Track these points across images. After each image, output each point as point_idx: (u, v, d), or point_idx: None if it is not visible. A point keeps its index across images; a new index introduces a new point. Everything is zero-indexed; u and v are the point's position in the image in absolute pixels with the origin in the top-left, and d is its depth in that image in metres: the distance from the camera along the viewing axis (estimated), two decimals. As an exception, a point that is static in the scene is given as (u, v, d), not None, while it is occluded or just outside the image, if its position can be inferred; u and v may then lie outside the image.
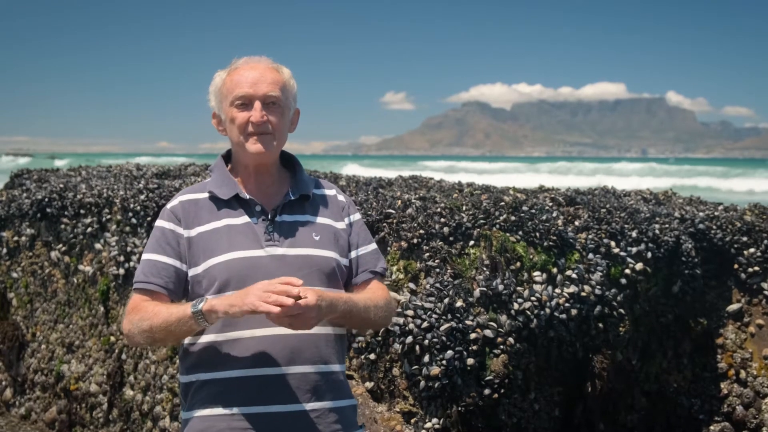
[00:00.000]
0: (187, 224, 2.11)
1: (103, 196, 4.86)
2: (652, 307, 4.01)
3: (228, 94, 2.10)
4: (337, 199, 2.26)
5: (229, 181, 2.15)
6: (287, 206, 2.14)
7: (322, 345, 2.06)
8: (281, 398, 2.00)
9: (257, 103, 2.07)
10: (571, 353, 3.62)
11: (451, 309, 3.33)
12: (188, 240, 2.09)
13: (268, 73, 2.11)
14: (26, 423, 5.16)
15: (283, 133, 2.15)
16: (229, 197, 2.12)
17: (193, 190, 2.20)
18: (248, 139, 2.09)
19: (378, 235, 3.69)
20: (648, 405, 4.01)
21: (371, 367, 3.48)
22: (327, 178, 5.07)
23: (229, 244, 2.06)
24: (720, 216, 4.26)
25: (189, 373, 2.09)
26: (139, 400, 4.34)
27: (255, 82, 2.08)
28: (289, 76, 2.16)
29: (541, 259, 3.63)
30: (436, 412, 3.31)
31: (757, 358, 4.01)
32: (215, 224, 2.10)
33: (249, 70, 2.10)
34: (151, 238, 2.15)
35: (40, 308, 5.20)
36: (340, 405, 2.08)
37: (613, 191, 4.79)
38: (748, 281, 4.10)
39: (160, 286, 2.07)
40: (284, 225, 2.11)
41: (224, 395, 2.01)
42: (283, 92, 2.12)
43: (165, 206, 2.17)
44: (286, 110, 2.14)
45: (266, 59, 2.15)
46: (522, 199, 3.95)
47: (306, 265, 2.07)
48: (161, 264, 2.08)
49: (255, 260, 2.04)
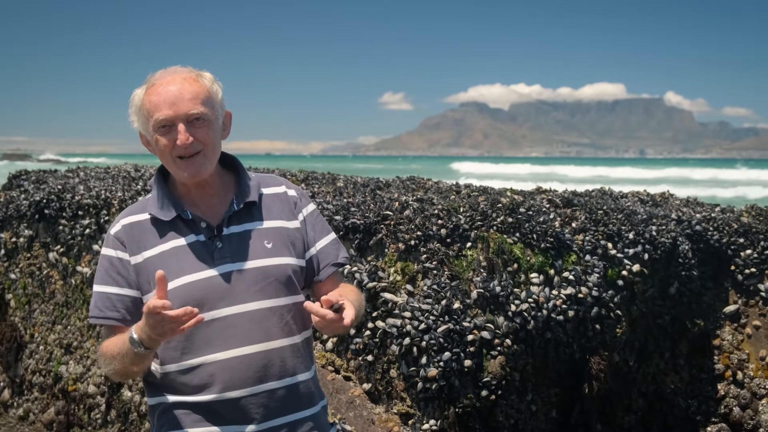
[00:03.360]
0: (133, 250, 1.99)
1: (102, 198, 4.86)
2: (649, 309, 4.02)
3: (149, 117, 1.95)
4: (287, 195, 2.13)
5: (169, 201, 2.02)
6: (234, 217, 2.02)
7: (288, 357, 2.00)
8: (253, 418, 1.94)
9: (180, 126, 1.92)
10: (569, 354, 3.63)
11: (448, 310, 3.33)
12: (136, 267, 1.98)
13: (186, 87, 1.94)
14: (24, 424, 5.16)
15: (215, 145, 2.00)
16: (171, 218, 2.00)
17: (133, 211, 2.07)
18: (178, 163, 1.96)
19: (375, 236, 3.70)
20: (645, 406, 4.01)
21: (369, 368, 3.49)
22: (325, 178, 5.06)
23: (179, 268, 1.95)
24: (717, 217, 4.27)
25: (154, 396, 2.03)
26: (137, 401, 4.34)
27: (173, 102, 1.92)
28: (211, 82, 2.01)
29: (539, 260, 3.64)
30: (434, 413, 3.32)
31: (754, 360, 4.01)
32: (162, 247, 1.98)
33: (166, 86, 1.94)
34: (98, 267, 2.03)
35: (38, 309, 5.20)
36: (312, 412, 2.05)
37: (610, 193, 4.80)
38: (744, 282, 4.11)
39: (117, 320, 1.97)
40: (233, 238, 2.00)
41: (192, 417, 1.95)
42: (207, 104, 1.96)
43: (108, 231, 2.05)
44: (214, 121, 1.99)
45: (183, 69, 1.99)
46: (519, 201, 3.96)
47: (262, 278, 1.98)
48: (115, 296, 1.98)
49: (209, 281, 1.95)
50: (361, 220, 3.74)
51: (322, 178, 5.07)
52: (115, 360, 1.92)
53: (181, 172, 1.97)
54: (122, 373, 1.96)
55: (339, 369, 3.60)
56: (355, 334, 3.52)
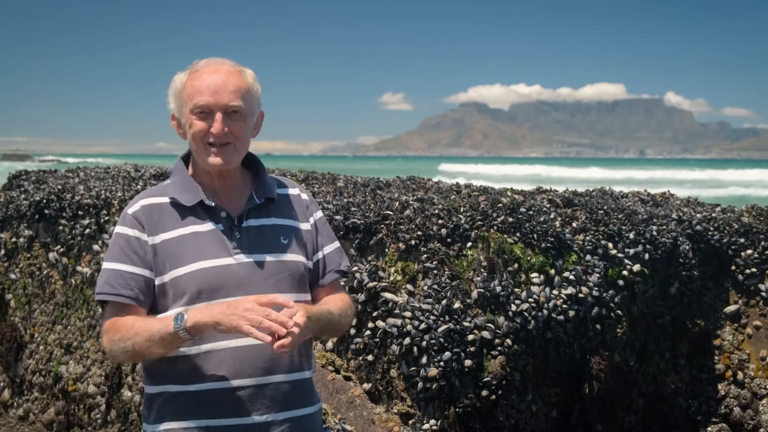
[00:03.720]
0: (151, 230, 2.00)
1: (101, 198, 4.86)
2: (649, 309, 4.01)
3: (188, 100, 1.99)
4: (300, 198, 2.18)
5: (191, 187, 2.05)
6: (253, 211, 2.07)
7: (295, 353, 2.02)
8: (257, 410, 1.96)
9: (218, 114, 1.97)
10: (569, 354, 3.63)
11: (448, 310, 3.33)
12: (153, 247, 1.99)
13: (230, 79, 1.99)
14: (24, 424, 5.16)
15: (246, 140, 2.05)
16: (192, 204, 2.02)
17: (153, 193, 2.09)
18: (208, 149, 2.00)
19: (376, 236, 3.70)
20: (645, 406, 4.01)
21: (369, 368, 3.49)
22: (325, 178, 5.06)
23: (196, 253, 1.97)
24: (717, 217, 4.26)
25: (157, 384, 2.02)
26: (137, 401, 4.34)
27: (216, 90, 1.97)
28: (253, 79, 2.06)
29: (539, 260, 3.63)
30: (434, 413, 3.31)
31: (755, 360, 4.01)
32: (181, 231, 2.00)
33: (211, 75, 1.99)
34: (112, 245, 2.02)
35: (38, 309, 5.19)
36: (312, 411, 2.07)
37: (610, 193, 4.79)
38: (745, 282, 4.10)
39: (130, 298, 1.97)
40: (251, 230, 2.04)
41: (196, 408, 1.95)
42: (245, 99, 2.01)
43: (125, 210, 2.05)
44: (249, 117, 2.04)
45: (229, 62, 2.04)
46: (519, 201, 3.96)
47: (276, 271, 2.02)
48: (129, 274, 1.97)
49: (225, 269, 1.97)
50: (361, 220, 3.74)
51: (322, 178, 5.07)
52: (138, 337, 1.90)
53: (210, 158, 2.01)
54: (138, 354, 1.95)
55: (339, 369, 3.59)
56: (356, 334, 3.52)
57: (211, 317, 1.82)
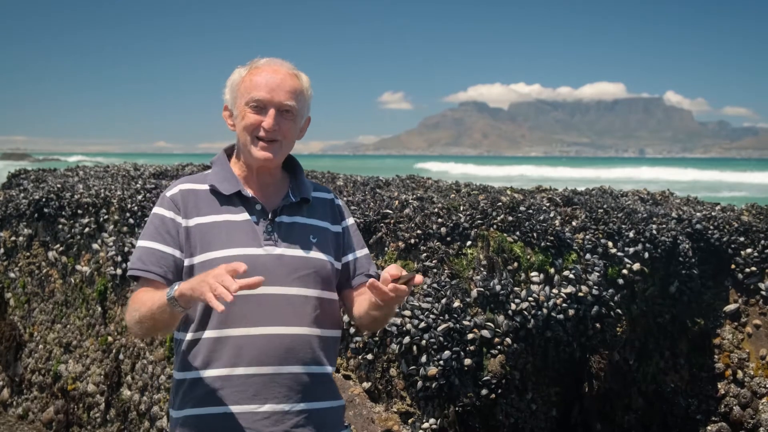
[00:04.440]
0: (186, 213, 2.09)
1: (101, 196, 4.85)
2: (649, 308, 4.01)
3: (245, 93, 2.09)
4: (333, 203, 2.28)
5: (231, 177, 2.15)
6: (287, 208, 2.15)
7: (316, 345, 2.08)
8: (273, 398, 2.01)
9: (272, 110, 2.06)
10: (569, 353, 3.63)
11: (448, 309, 3.33)
12: (186, 229, 2.07)
13: (288, 80, 2.09)
14: (24, 423, 5.15)
15: (292, 141, 2.15)
16: (230, 193, 2.11)
17: (192, 180, 2.18)
18: (256, 143, 2.09)
19: (375, 235, 3.70)
20: (645, 405, 4.01)
21: (368, 367, 3.49)
22: (324, 177, 5.07)
23: (228, 240, 2.05)
24: (717, 216, 4.26)
25: (182, 370, 2.09)
26: (137, 400, 4.34)
27: (274, 88, 2.07)
28: (307, 84, 2.16)
29: (539, 259, 3.63)
30: (434, 412, 3.31)
31: (754, 359, 4.01)
32: (215, 218, 2.09)
33: (270, 74, 2.09)
34: (148, 224, 2.11)
35: (37, 308, 5.19)
36: (331, 405, 2.12)
37: (610, 191, 4.79)
38: (745, 281, 4.10)
39: (158, 275, 2.04)
40: (283, 226, 2.11)
41: (216, 394, 2.01)
42: (298, 101, 2.10)
43: (164, 193, 2.15)
44: (299, 119, 2.14)
45: (288, 64, 2.14)
46: (519, 200, 3.96)
47: (303, 267, 2.09)
48: (160, 253, 2.06)
49: (253, 258, 2.02)
50: (361, 219, 3.73)
51: (322, 177, 5.07)
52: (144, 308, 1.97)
53: (256, 151, 2.09)
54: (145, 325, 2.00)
55: (339, 368, 3.59)
56: (355, 333, 3.52)
57: (189, 285, 1.85)
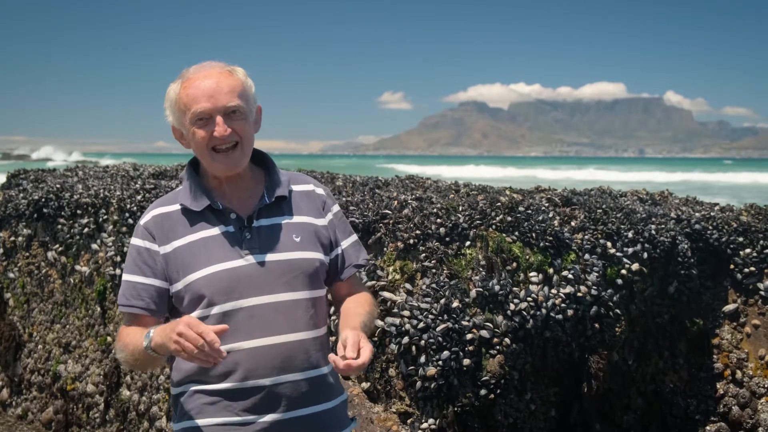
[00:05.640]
0: (162, 240, 2.03)
1: (100, 197, 4.85)
2: (648, 308, 4.01)
3: (186, 110, 1.99)
4: (315, 193, 2.19)
5: (200, 192, 2.06)
6: (264, 210, 2.07)
7: (312, 350, 2.05)
8: (274, 408, 1.99)
9: (219, 118, 1.97)
10: (568, 353, 3.63)
11: (447, 309, 3.33)
12: (164, 257, 2.02)
13: (223, 80, 1.99)
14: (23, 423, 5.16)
15: (250, 138, 2.06)
16: (202, 209, 2.04)
17: (165, 201, 2.11)
18: (214, 156, 2.00)
19: (374, 235, 3.70)
20: (644, 405, 4.01)
21: (368, 367, 3.48)
22: (324, 177, 5.06)
23: (207, 258, 1.99)
24: (716, 216, 4.26)
25: (178, 385, 2.06)
26: (136, 401, 4.34)
27: (212, 94, 1.97)
28: (245, 76, 2.06)
29: (538, 259, 3.63)
30: (433, 412, 3.31)
31: (753, 359, 4.01)
32: (191, 237, 2.02)
33: (203, 80, 1.99)
34: (128, 257, 2.08)
35: (36, 308, 5.19)
36: (332, 405, 2.09)
37: (609, 192, 4.79)
38: (744, 282, 4.10)
39: (141, 308, 2.01)
40: (263, 230, 2.04)
41: (216, 406, 1.99)
42: (242, 97, 2.01)
43: (138, 222, 2.10)
44: (249, 114, 2.04)
45: (218, 63, 2.05)
46: (518, 200, 3.96)
47: (289, 270, 2.03)
48: (141, 285, 2.02)
49: (237, 271, 1.98)
50: (360, 219, 3.74)
51: (321, 177, 5.07)
52: (127, 350, 1.98)
53: (217, 165, 2.02)
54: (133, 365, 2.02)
55: (338, 368, 3.59)
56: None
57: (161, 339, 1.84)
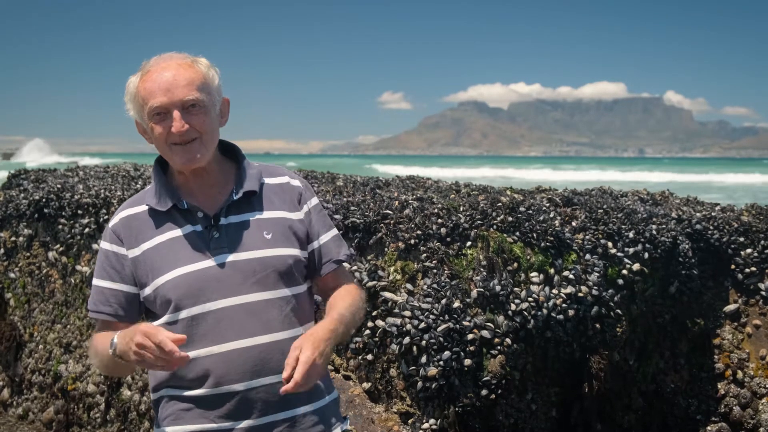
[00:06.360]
0: (130, 243, 1.96)
1: (101, 197, 4.85)
2: (649, 308, 4.01)
3: (144, 105, 1.91)
4: (290, 185, 2.08)
5: (166, 191, 1.98)
6: (233, 206, 1.98)
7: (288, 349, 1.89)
8: (249, 413, 1.91)
9: (175, 112, 1.88)
10: (569, 354, 3.63)
11: (448, 310, 3.33)
12: (133, 260, 1.96)
13: (181, 73, 1.89)
14: (24, 423, 5.15)
15: (212, 132, 1.95)
16: (167, 208, 1.96)
17: (133, 202, 2.04)
18: (174, 150, 1.92)
19: (375, 235, 3.70)
20: (645, 405, 4.01)
21: (368, 367, 3.49)
22: (324, 177, 5.05)
23: (174, 260, 1.92)
24: (717, 216, 4.26)
25: (156, 390, 2.02)
26: (137, 400, 4.34)
27: (168, 88, 1.87)
28: (207, 67, 1.96)
29: (539, 259, 3.63)
30: (434, 412, 3.31)
31: (754, 359, 4.01)
32: (158, 239, 1.95)
33: (160, 72, 1.89)
34: (97, 260, 2.01)
35: (37, 308, 5.19)
36: (318, 406, 2.00)
37: (610, 192, 4.79)
38: (745, 282, 4.10)
39: (109, 314, 1.96)
40: (231, 228, 1.95)
41: (191, 412, 1.93)
42: (203, 90, 1.91)
43: (107, 224, 2.02)
44: (211, 107, 1.94)
45: (178, 54, 1.94)
46: (519, 200, 3.96)
47: (260, 268, 1.93)
48: (109, 291, 1.97)
49: (204, 272, 1.91)
50: (360, 219, 3.73)
51: (322, 177, 5.06)
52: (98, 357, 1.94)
53: (176, 159, 1.93)
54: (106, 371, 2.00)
55: (339, 368, 3.59)
56: (355, 333, 3.51)
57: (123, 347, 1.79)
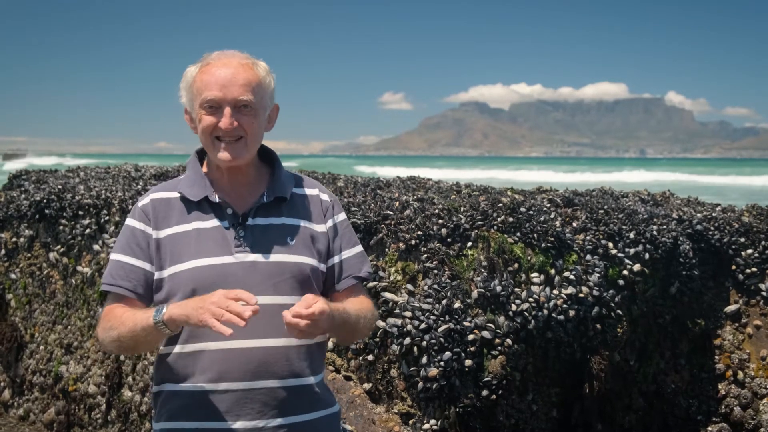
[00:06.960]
0: (157, 225, 1.99)
1: (102, 198, 4.86)
2: (649, 308, 4.01)
3: (198, 95, 1.95)
4: (319, 198, 2.12)
5: (200, 182, 2.03)
6: (261, 209, 2.01)
7: (294, 357, 1.96)
8: (247, 414, 1.91)
9: (227, 109, 1.92)
10: (569, 354, 3.63)
11: (449, 310, 3.33)
12: (157, 241, 1.98)
13: (240, 72, 1.94)
14: (25, 424, 5.16)
15: (257, 135, 2.00)
16: (199, 199, 2.00)
17: (165, 187, 2.07)
18: (217, 144, 1.96)
19: (376, 236, 3.70)
20: (645, 406, 4.01)
21: (369, 368, 3.49)
22: (325, 178, 5.06)
23: (196, 250, 1.94)
24: (718, 217, 4.26)
25: (158, 384, 2.02)
26: (138, 401, 4.34)
27: (225, 84, 1.92)
28: (265, 72, 2.00)
29: (539, 260, 3.63)
30: (434, 413, 3.31)
31: (755, 359, 4.01)
32: (184, 227, 1.98)
33: (221, 68, 1.94)
34: (120, 236, 2.03)
35: (38, 309, 5.19)
36: (315, 417, 2.00)
37: (611, 192, 4.79)
38: (745, 282, 4.10)
39: (128, 290, 1.96)
40: (257, 229, 1.98)
41: (189, 408, 1.94)
42: (256, 93, 1.95)
43: (136, 203, 2.06)
44: (261, 111, 1.98)
45: (240, 54, 1.98)
46: (520, 201, 3.96)
47: (278, 273, 1.96)
48: (129, 266, 1.97)
49: (223, 268, 1.93)
50: (361, 220, 3.74)
51: (323, 178, 5.07)
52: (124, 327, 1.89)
53: (219, 154, 1.97)
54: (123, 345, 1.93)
55: (339, 369, 3.59)
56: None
57: (182, 311, 1.79)
